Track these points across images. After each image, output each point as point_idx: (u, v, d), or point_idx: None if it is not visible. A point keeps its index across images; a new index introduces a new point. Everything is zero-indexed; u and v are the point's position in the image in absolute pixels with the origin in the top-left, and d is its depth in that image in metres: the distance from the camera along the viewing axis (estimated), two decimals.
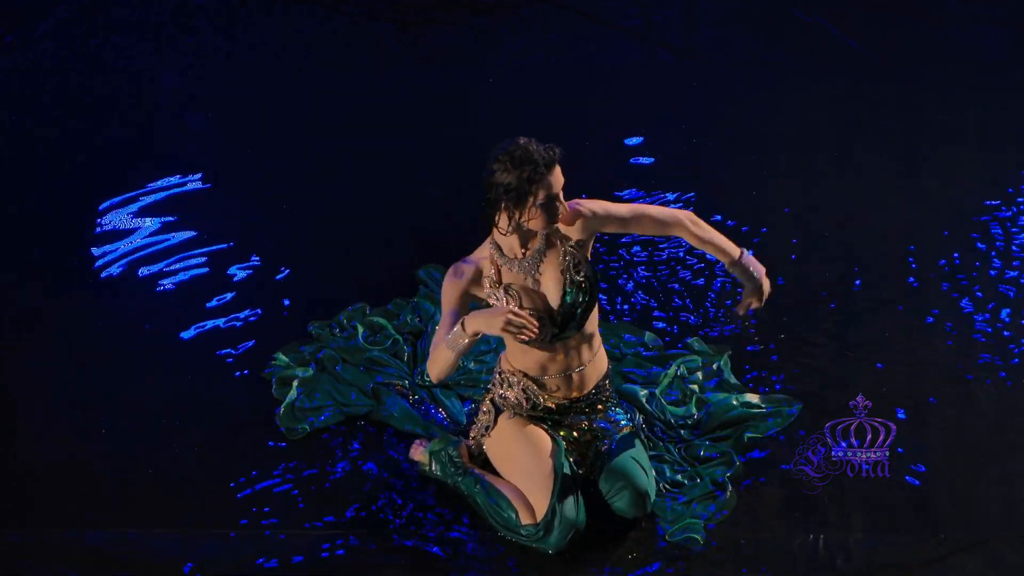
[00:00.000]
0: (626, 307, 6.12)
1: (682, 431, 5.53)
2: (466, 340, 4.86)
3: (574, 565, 5.12)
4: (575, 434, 5.25)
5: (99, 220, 6.61)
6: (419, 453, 5.45)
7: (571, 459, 5.20)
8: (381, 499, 5.38)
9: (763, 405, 5.59)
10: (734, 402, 5.58)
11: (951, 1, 7.65)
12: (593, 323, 5.16)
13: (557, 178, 4.88)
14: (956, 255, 6.28)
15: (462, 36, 7.60)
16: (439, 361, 4.93)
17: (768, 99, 7.17)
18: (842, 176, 6.72)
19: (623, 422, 5.28)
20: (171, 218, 6.60)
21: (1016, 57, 7.37)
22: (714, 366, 5.77)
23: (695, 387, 5.68)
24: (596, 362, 5.25)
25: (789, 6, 7.66)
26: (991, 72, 7.27)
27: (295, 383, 5.75)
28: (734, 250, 5.15)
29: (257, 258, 6.41)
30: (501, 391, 5.27)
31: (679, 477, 5.37)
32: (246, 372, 5.87)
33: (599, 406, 5.28)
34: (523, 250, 5.03)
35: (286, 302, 6.20)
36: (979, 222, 6.43)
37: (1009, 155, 6.78)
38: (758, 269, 5.17)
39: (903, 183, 6.68)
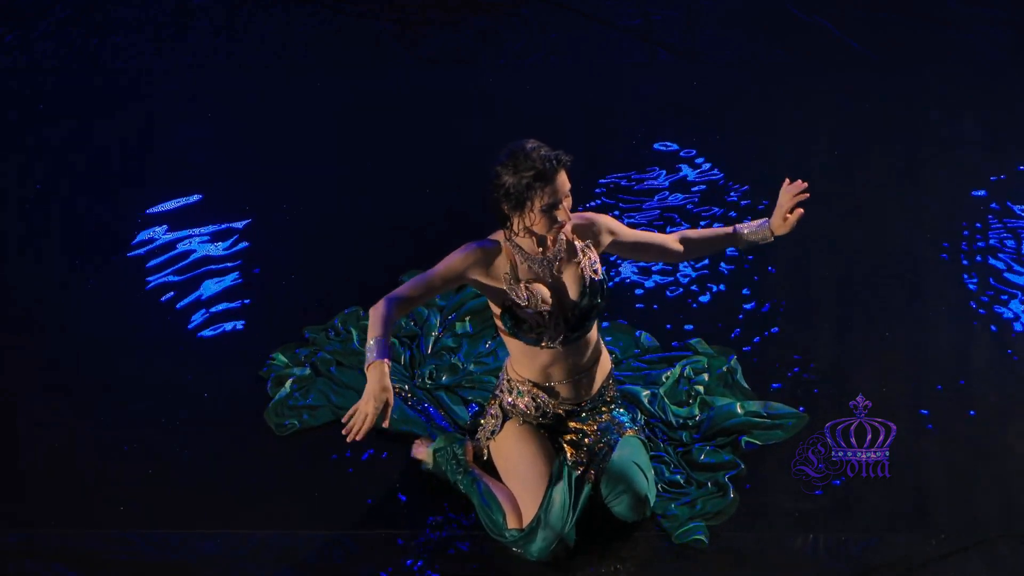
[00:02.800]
0: (624, 309, 6.13)
1: (683, 433, 5.52)
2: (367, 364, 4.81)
3: (576, 564, 5.13)
4: (581, 433, 5.25)
5: (98, 220, 6.61)
6: (422, 452, 5.45)
7: (577, 471, 5.19)
8: (383, 499, 5.38)
9: (767, 416, 5.57)
10: (738, 409, 5.56)
11: (951, 1, 7.65)
12: (595, 328, 5.16)
13: (561, 185, 4.84)
14: (956, 255, 6.28)
15: (462, 36, 7.60)
16: (372, 315, 4.90)
17: (768, 99, 7.16)
18: (842, 176, 6.72)
19: (627, 424, 5.28)
20: (169, 219, 6.60)
21: (1016, 57, 7.37)
22: (724, 368, 5.75)
23: (700, 388, 5.67)
24: (601, 363, 5.25)
25: (789, 6, 7.65)
26: (991, 72, 7.27)
27: (289, 381, 5.75)
28: (728, 232, 5.18)
29: (254, 259, 6.41)
30: (510, 399, 5.25)
31: (677, 477, 5.37)
32: (244, 373, 5.87)
33: (603, 408, 5.28)
34: (540, 248, 5.01)
35: (282, 304, 6.20)
36: (979, 222, 6.43)
37: (1009, 155, 6.77)
38: (753, 228, 5.18)
39: (903, 183, 6.68)
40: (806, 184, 5.12)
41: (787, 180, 5.14)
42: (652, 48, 7.50)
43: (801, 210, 5.13)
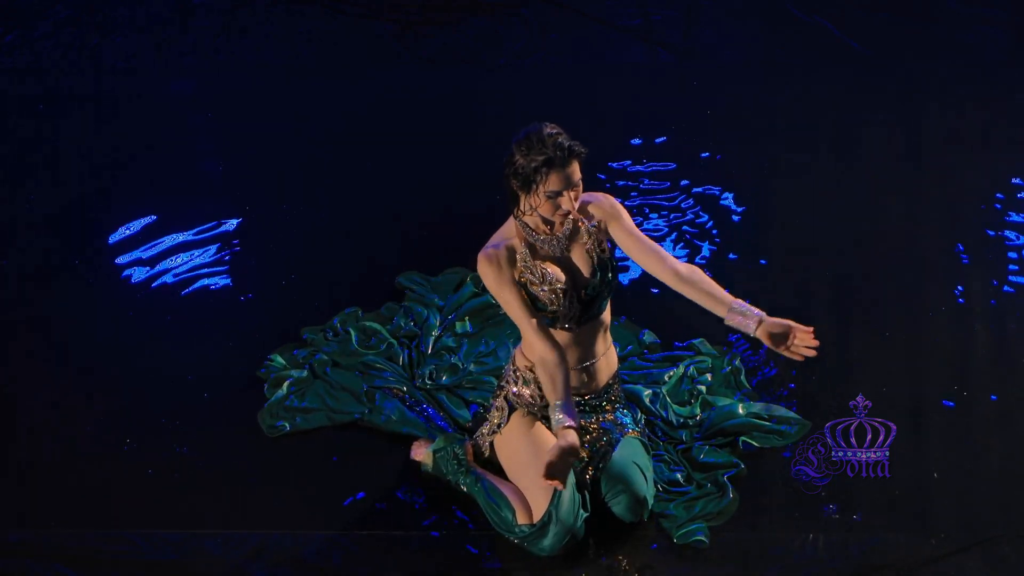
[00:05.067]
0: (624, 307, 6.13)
1: (683, 432, 5.52)
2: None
3: (576, 564, 5.13)
4: (582, 430, 5.24)
5: (99, 220, 6.61)
6: (421, 453, 5.45)
7: (579, 466, 5.19)
8: (382, 499, 5.38)
9: (768, 418, 5.56)
10: (739, 410, 5.56)
11: (951, 1, 7.65)
12: (608, 312, 5.17)
13: (570, 174, 4.89)
14: (956, 255, 6.28)
15: (462, 36, 7.60)
16: (549, 373, 5.03)
17: (768, 99, 7.17)
18: (842, 176, 6.72)
19: (629, 426, 5.28)
20: (168, 219, 6.60)
21: (1016, 57, 7.37)
22: (728, 368, 5.75)
23: (703, 388, 5.67)
24: (608, 357, 5.26)
25: (789, 6, 7.66)
26: (991, 72, 7.27)
27: (287, 383, 5.75)
28: (720, 299, 4.99)
29: (253, 259, 6.41)
30: (516, 388, 5.26)
31: (677, 475, 5.37)
32: (243, 374, 5.87)
33: (607, 406, 5.28)
34: (547, 227, 5.03)
35: (281, 305, 6.20)
36: (979, 222, 6.43)
37: (1009, 155, 6.78)
38: (741, 315, 4.94)
39: (903, 183, 6.69)
40: (815, 344, 4.94)
41: (805, 331, 4.89)
42: (652, 48, 7.50)
43: (798, 354, 4.92)
